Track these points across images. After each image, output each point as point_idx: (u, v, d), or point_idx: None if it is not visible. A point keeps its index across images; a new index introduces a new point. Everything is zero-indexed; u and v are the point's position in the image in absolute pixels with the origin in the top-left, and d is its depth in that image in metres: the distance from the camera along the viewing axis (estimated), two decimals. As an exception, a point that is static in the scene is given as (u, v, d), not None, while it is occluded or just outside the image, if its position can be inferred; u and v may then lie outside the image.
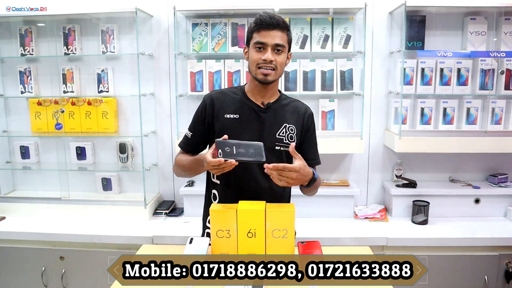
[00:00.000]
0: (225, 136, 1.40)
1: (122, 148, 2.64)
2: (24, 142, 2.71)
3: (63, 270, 2.33)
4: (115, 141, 2.66)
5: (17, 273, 2.37)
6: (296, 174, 1.39)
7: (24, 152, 2.72)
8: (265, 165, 1.36)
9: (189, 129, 1.65)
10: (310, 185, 1.50)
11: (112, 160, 2.71)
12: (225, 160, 1.34)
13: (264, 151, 1.37)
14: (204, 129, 1.60)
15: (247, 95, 1.59)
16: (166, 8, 2.52)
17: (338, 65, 2.48)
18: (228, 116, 1.56)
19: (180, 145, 1.68)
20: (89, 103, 2.59)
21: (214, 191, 1.65)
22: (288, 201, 1.69)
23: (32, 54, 2.59)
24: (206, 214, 1.71)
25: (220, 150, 1.37)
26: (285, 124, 1.57)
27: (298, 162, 1.41)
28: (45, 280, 2.35)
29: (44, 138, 2.73)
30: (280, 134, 1.57)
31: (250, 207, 1.42)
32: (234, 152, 1.37)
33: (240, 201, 1.46)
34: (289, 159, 1.59)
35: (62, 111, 2.58)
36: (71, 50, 2.55)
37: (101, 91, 2.59)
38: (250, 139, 1.49)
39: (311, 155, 1.65)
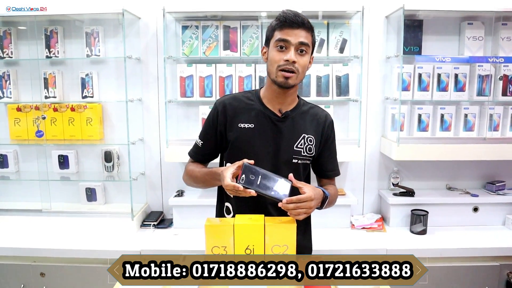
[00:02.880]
0: (252, 161, 1.30)
1: (108, 157, 2.51)
2: (2, 150, 2.56)
3: (44, 288, 2.19)
4: (100, 149, 2.53)
5: (-7, 291, 2.22)
6: (313, 202, 1.30)
7: (2, 161, 2.57)
8: (279, 204, 1.26)
9: (200, 137, 1.54)
10: (323, 206, 1.42)
11: (96, 169, 2.58)
12: (244, 188, 1.25)
13: (290, 190, 1.28)
14: (216, 139, 1.50)
15: (262, 102, 1.47)
16: (155, 10, 2.41)
17: (334, 70, 2.40)
18: (242, 125, 1.44)
19: (189, 153, 1.58)
20: (73, 109, 2.46)
21: (227, 204, 1.53)
22: None
23: (12, 57, 2.45)
24: None
25: (244, 176, 1.27)
26: (303, 135, 1.46)
27: (307, 189, 1.30)
28: (24, 298, 2.20)
29: (24, 146, 2.59)
30: (298, 146, 1.46)
31: (247, 222, 1.33)
32: (258, 182, 1.28)
33: (237, 215, 1.36)
34: (306, 172, 1.51)
35: (44, 118, 2.44)
36: (54, 53, 2.42)
37: (85, 97, 2.46)
38: (266, 151, 1.41)
39: (330, 166, 1.56)
